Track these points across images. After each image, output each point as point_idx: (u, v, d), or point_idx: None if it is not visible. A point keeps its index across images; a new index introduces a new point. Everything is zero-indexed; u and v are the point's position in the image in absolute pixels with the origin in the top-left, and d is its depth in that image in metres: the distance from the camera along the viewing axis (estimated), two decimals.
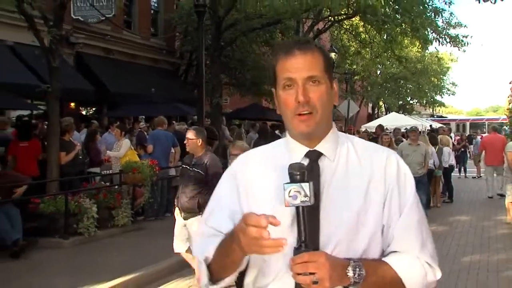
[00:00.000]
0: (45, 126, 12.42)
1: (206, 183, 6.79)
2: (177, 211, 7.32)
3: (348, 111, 28.26)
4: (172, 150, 12.93)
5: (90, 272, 7.94)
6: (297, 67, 1.90)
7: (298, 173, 1.75)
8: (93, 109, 20.82)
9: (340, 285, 1.78)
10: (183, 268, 8.54)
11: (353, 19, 24.95)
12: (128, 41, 20.97)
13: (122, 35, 20.56)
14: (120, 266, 8.17)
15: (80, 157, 11.77)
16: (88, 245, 9.66)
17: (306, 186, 1.72)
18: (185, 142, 7.31)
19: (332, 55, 25.70)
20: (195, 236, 6.37)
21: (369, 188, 1.90)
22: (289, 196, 1.72)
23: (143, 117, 19.87)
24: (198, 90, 14.28)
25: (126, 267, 8.13)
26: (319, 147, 1.95)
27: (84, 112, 20.18)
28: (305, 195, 1.71)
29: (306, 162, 1.91)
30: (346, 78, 32.24)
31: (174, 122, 16.60)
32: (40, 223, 9.86)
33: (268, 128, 14.18)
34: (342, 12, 21.34)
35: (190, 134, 7.19)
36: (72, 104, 18.00)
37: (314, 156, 1.94)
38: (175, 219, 7.46)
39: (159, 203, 12.36)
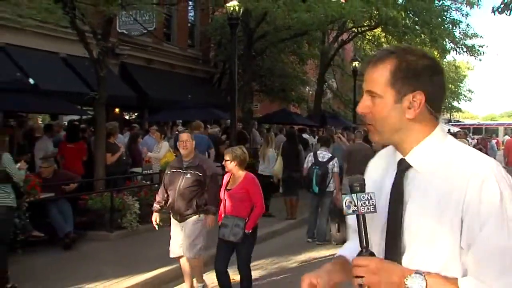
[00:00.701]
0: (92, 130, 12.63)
1: (203, 184, 6.52)
2: (155, 216, 6.83)
3: None
4: (207, 152, 13.00)
5: (133, 262, 8.07)
6: (365, 80, 1.88)
7: (357, 184, 1.78)
8: (135, 114, 21.05)
9: None
10: None
11: (375, 30, 24.83)
12: (167, 52, 21.18)
13: (162, 47, 20.78)
14: (159, 258, 8.23)
15: (124, 158, 11.87)
16: (131, 238, 9.78)
17: (356, 196, 1.75)
18: (181, 145, 6.56)
19: (356, 63, 25.65)
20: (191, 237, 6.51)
21: (450, 203, 1.69)
22: (345, 206, 1.77)
23: (181, 121, 20.02)
24: (231, 96, 14.37)
25: (164, 259, 8.18)
26: (408, 157, 1.83)
27: (127, 117, 20.36)
28: (355, 205, 1.75)
29: (394, 171, 1.85)
30: None
31: (208, 125, 16.74)
32: (88, 217, 10.01)
33: (295, 132, 14.21)
34: (365, 24, 21.28)
35: (186, 136, 6.63)
36: (117, 110, 18.21)
37: (403, 166, 1.84)
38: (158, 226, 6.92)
39: None
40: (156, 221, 6.75)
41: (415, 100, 1.78)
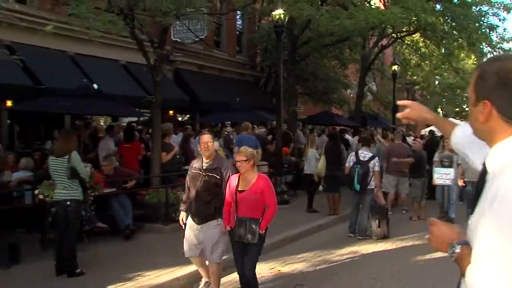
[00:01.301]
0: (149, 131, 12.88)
1: (220, 187, 6.05)
2: (182, 215, 6.49)
3: None
4: (255, 152, 13.06)
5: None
6: None
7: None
8: (187, 116, 21.32)
9: (445, 252, 1.94)
10: (264, 253, 8.73)
11: (414, 35, 24.43)
12: (217, 58, 21.39)
13: (212, 53, 21.00)
14: None
15: (177, 156, 12.05)
16: (183, 231, 9.95)
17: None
18: (202, 146, 6.13)
19: (395, 67, 25.32)
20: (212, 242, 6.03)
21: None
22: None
23: (229, 122, 20.20)
24: (277, 99, 14.44)
25: None
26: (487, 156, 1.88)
27: (180, 119, 20.64)
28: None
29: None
30: (407, 88, 31.59)
31: (255, 126, 16.83)
32: (146, 211, 10.21)
33: (337, 133, 14.17)
34: (404, 30, 20.97)
35: (208, 138, 6.18)
36: (171, 112, 18.50)
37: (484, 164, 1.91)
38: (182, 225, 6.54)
39: None
40: (182, 220, 6.43)
41: (484, 106, 1.83)
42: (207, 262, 6.40)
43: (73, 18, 9.72)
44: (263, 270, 7.78)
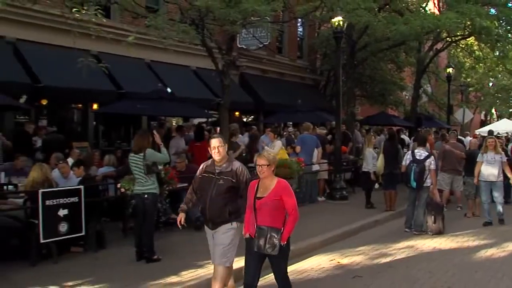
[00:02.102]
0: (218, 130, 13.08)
1: (236, 190, 5.38)
2: (180, 216, 5.73)
3: (463, 118, 26.84)
4: (315, 151, 13.03)
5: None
6: None
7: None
8: (252, 117, 21.50)
9: None
10: (325, 245, 8.74)
11: (469, 39, 23.61)
12: (279, 62, 21.46)
13: (275, 58, 21.08)
14: None
15: (244, 154, 12.13)
16: None
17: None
18: (213, 152, 5.38)
19: (449, 70, 24.55)
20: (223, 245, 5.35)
21: None
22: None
23: (291, 123, 20.20)
24: (336, 101, 14.32)
25: None
26: None
27: (244, 119, 20.85)
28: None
29: None
30: (461, 90, 30.53)
31: (316, 126, 16.75)
32: None
33: (395, 133, 13.90)
34: (459, 34, 20.27)
35: (217, 142, 5.38)
36: (237, 113, 18.72)
37: None
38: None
39: (304, 193, 12.48)
40: (180, 222, 5.66)
41: None
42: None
43: (151, 29, 10.05)
44: (324, 261, 7.78)
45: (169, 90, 13.23)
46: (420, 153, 9.91)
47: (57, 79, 11.70)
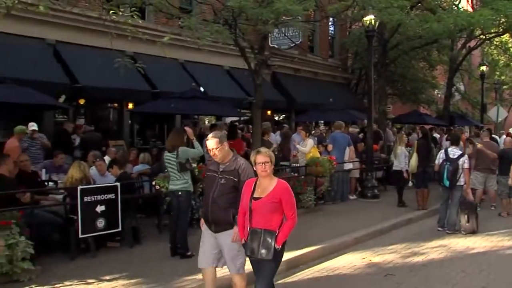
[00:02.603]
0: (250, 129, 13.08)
1: (238, 191, 4.89)
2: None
3: (497, 116, 26.17)
4: (347, 149, 12.90)
5: (293, 240, 8.16)
6: None
7: None
8: (283, 115, 21.48)
9: None
10: (357, 244, 8.65)
11: (503, 36, 22.99)
12: (311, 62, 21.36)
13: (307, 57, 21.01)
14: (306, 239, 8.36)
15: (276, 152, 12.13)
16: None
17: None
18: (211, 154, 5.04)
19: (483, 68, 23.96)
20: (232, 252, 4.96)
21: None
22: None
23: (322, 121, 20.09)
24: (368, 99, 14.17)
25: (311, 239, 8.31)
26: None
27: (276, 118, 20.86)
28: None
29: None
30: (495, 88, 29.80)
31: (349, 125, 16.60)
32: None
33: (428, 131, 13.67)
34: (493, 31, 19.77)
35: (212, 143, 4.96)
36: (268, 112, 18.74)
37: None
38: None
39: (336, 191, 12.41)
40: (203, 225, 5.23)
41: None
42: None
43: (185, 29, 10.12)
44: (356, 259, 7.70)
45: (202, 89, 13.31)
46: (454, 152, 9.72)
47: (94, 79, 11.93)
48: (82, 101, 13.29)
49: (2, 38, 11.04)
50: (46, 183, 8.72)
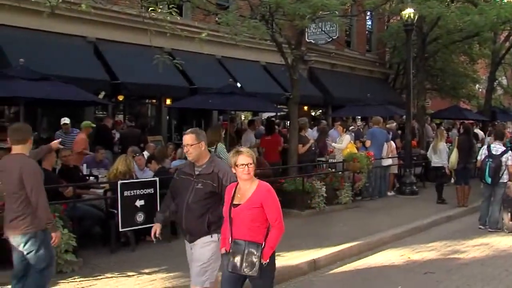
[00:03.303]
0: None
1: (217, 196, 4.38)
2: (155, 228, 4.71)
3: None
4: (385, 145, 12.71)
5: (321, 237, 8.18)
6: None
7: None
8: (320, 111, 21.34)
9: None
10: (395, 241, 8.52)
11: None
12: (348, 56, 21.12)
13: (344, 52, 20.78)
14: (343, 235, 8.34)
15: (313, 148, 11.97)
16: (318, 216, 9.94)
17: None
18: (184, 150, 4.59)
19: None
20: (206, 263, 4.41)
21: None
22: None
23: (360, 117, 19.86)
24: (406, 94, 13.94)
25: (348, 236, 8.27)
26: None
27: (313, 113, 20.74)
28: None
29: None
30: None
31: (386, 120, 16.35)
32: (284, 198, 10.15)
33: (470, 127, 13.32)
34: None
35: (188, 139, 4.47)
36: (305, 107, 18.64)
37: None
38: None
39: (373, 187, 12.26)
40: (156, 234, 4.66)
41: None
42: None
43: (222, 25, 10.15)
44: (394, 256, 7.59)
45: (239, 85, 13.33)
46: (497, 148, 9.43)
47: (133, 76, 12.12)
48: (121, 97, 13.52)
49: (46, 36, 11.34)
50: (87, 178, 8.92)
